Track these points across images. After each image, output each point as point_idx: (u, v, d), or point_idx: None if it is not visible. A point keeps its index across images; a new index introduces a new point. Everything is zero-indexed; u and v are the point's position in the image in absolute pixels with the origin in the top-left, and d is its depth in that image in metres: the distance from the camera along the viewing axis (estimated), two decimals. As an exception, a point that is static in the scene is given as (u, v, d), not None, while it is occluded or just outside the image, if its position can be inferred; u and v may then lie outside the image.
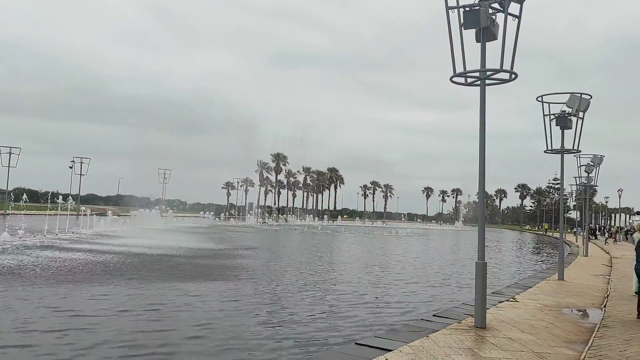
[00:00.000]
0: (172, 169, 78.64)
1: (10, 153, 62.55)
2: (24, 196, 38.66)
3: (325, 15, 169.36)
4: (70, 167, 75.59)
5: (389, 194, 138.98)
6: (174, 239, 30.06)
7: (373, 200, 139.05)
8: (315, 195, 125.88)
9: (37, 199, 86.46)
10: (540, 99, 14.32)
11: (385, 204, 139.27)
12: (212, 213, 79.43)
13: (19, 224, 28.40)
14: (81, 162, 72.87)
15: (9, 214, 56.09)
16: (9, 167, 63.15)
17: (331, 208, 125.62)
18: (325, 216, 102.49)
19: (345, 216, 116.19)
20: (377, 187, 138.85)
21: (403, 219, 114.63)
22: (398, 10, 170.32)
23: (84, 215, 40.23)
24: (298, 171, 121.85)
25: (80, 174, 73.21)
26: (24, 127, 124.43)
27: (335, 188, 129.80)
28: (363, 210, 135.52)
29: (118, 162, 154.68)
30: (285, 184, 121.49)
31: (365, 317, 10.35)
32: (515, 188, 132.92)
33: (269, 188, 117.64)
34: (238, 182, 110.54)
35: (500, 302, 10.69)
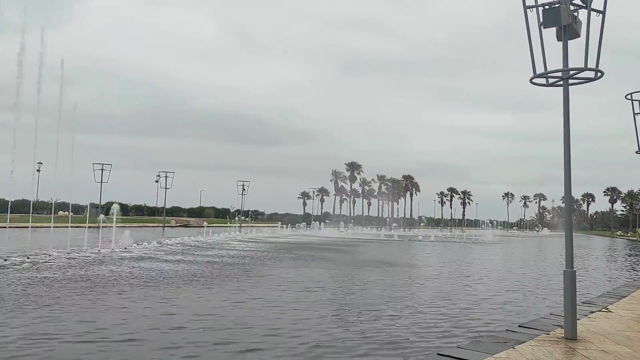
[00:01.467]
0: (250, 181, 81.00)
1: (102, 170, 66.68)
2: (114, 208, 41.01)
3: (397, 21, 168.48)
4: (156, 181, 79.87)
5: (467, 201, 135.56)
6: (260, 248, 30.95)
7: (451, 207, 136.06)
8: (390, 203, 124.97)
9: (127, 212, 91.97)
10: (629, 96, 13.48)
11: (464, 210, 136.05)
12: (288, 223, 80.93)
13: (110, 236, 30.20)
14: (166, 176, 76.54)
15: (102, 226, 59.87)
16: (101, 182, 67.35)
17: (407, 216, 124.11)
18: (396, 225, 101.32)
19: (422, 224, 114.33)
20: (454, 194, 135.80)
21: (483, 225, 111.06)
22: (473, 12, 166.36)
23: (170, 226, 42.41)
24: (372, 179, 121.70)
25: (166, 187, 76.94)
26: (113, 145, 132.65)
27: (411, 196, 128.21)
28: (440, 217, 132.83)
29: (199, 174, 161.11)
30: (360, 192, 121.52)
31: (447, 327, 10.13)
32: (605, 192, 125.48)
33: (344, 197, 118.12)
34: (314, 192, 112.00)
35: (592, 312, 10.11)
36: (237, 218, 73.08)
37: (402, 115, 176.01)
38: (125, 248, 27.48)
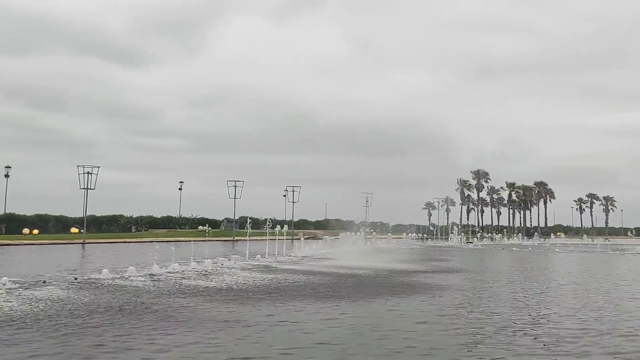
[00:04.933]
0: (374, 192, 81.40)
1: (235, 186, 71.12)
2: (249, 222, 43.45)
3: (528, 19, 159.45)
4: (284, 196, 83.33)
5: (610, 207, 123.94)
6: (385, 259, 31.16)
7: (591, 215, 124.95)
8: (522, 211, 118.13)
9: (258, 225, 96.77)
10: None
11: (607, 218, 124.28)
12: (413, 234, 79.94)
13: (245, 249, 32.06)
14: (293, 191, 79.59)
15: (236, 240, 63.87)
16: (234, 198, 71.80)
17: (541, 225, 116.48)
18: (536, 233, 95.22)
19: (558, 233, 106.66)
20: (594, 200, 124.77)
21: (630, 234, 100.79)
22: (616, 1, 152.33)
23: (298, 239, 44.06)
24: (501, 187, 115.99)
25: (293, 201, 79.95)
26: (245, 162, 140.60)
27: (545, 203, 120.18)
28: (580, 225, 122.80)
29: (324, 188, 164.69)
30: (488, 201, 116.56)
31: (588, 350, 9.23)
32: None
33: (471, 206, 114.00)
34: (439, 202, 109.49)
35: None
36: (362, 230, 73.69)
37: (533, 118, 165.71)
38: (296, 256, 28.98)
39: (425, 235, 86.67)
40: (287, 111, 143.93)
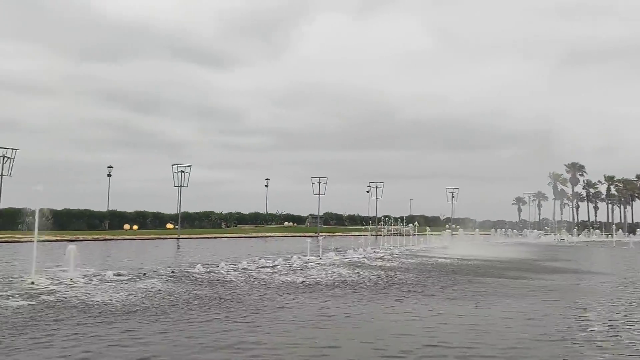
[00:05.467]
0: (459, 187, 79.44)
1: (319, 183, 72.24)
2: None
3: (623, 2, 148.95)
4: (367, 192, 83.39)
5: None
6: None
7: None
8: (622, 206, 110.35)
9: (342, 221, 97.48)
10: None
11: None
12: (503, 229, 77.27)
13: (330, 244, 32.46)
14: (376, 187, 79.46)
15: (321, 235, 64.74)
16: (318, 195, 72.85)
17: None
18: (639, 230, 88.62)
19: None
20: None
21: None
22: None
23: (381, 235, 44.00)
24: (599, 181, 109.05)
25: (377, 197, 79.81)
26: (328, 159, 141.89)
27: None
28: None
29: (408, 184, 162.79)
30: (583, 195, 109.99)
31: None
32: None
33: (565, 201, 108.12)
34: (529, 197, 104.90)
35: None
36: (447, 226, 72.43)
37: (633, 106, 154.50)
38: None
39: (514, 231, 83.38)
40: (369, 107, 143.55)
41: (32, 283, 14.76)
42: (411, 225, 52.50)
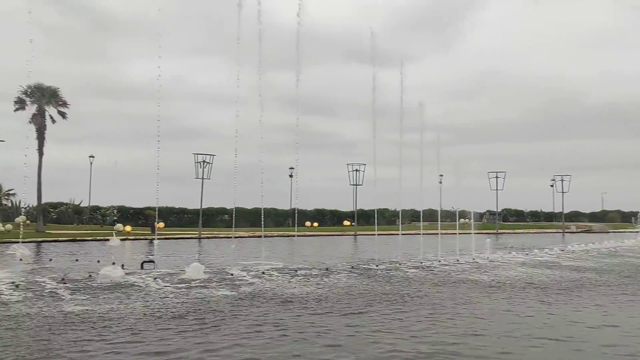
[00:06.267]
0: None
1: (497, 177, 68.97)
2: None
3: None
4: (551, 186, 77.27)
5: None
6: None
7: None
8: None
9: (524, 218, 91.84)
10: None
11: None
12: None
13: (509, 241, 30.85)
14: (562, 180, 73.21)
15: (500, 232, 61.78)
16: (497, 190, 69.60)
17: None
18: None
19: None
20: None
21: None
22: None
23: (570, 232, 40.48)
24: None
25: (562, 191, 73.55)
26: (504, 153, 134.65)
27: None
28: None
29: (600, 175, 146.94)
30: None
31: None
32: None
33: None
34: None
35: None
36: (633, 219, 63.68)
37: None
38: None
39: None
40: (550, 94, 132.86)
41: (263, 273, 16.96)
42: None
